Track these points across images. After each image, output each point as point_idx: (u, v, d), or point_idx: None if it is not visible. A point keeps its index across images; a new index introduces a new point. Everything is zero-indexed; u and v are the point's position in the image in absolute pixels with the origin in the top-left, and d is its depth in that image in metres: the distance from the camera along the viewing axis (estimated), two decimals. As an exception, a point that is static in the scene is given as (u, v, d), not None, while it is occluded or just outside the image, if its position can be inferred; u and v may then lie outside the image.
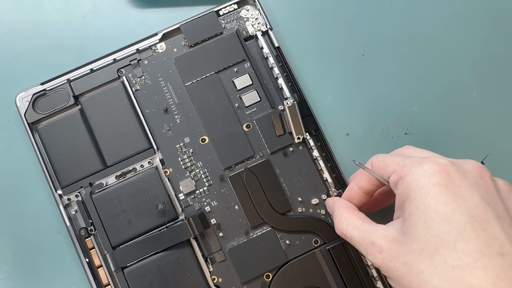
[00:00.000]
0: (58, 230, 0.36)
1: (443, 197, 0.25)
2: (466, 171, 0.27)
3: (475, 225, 0.25)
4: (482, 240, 0.24)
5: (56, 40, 0.38)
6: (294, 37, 0.39)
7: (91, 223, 0.35)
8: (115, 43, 0.37)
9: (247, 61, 0.37)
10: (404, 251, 0.26)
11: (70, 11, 0.39)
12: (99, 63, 0.36)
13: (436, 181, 0.26)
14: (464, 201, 0.25)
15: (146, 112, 0.36)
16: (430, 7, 0.40)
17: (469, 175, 0.27)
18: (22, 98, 0.36)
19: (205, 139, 0.36)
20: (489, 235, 0.24)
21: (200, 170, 0.36)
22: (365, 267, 0.34)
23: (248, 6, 0.38)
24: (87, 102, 0.36)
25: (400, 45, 0.39)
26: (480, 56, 0.39)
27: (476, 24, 0.40)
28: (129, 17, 0.39)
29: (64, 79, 0.36)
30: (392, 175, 0.29)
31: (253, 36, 0.38)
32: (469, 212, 0.25)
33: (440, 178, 0.26)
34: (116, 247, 0.34)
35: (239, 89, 0.37)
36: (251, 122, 0.36)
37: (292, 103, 0.35)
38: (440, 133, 0.38)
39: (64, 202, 0.35)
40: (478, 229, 0.24)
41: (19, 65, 0.38)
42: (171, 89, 0.37)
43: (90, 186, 0.35)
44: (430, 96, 0.39)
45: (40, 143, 0.36)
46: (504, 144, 0.38)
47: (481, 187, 0.26)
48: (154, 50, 0.37)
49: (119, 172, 0.35)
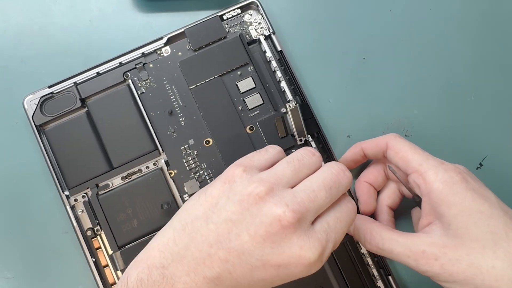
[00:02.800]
0: (65, 230, 0.37)
1: (478, 198, 0.28)
2: (470, 174, 0.30)
3: (507, 215, 0.28)
4: None
5: (63, 44, 0.39)
6: (296, 41, 0.40)
7: (97, 223, 0.35)
8: (121, 47, 0.38)
9: (250, 65, 0.38)
10: (465, 253, 0.27)
11: (77, 16, 0.40)
12: (105, 66, 0.37)
13: (465, 186, 0.28)
14: (489, 198, 0.28)
15: (151, 115, 0.37)
16: (429, 12, 0.40)
17: (473, 177, 0.30)
18: (30, 101, 0.36)
19: (209, 141, 0.37)
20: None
21: (204, 172, 0.36)
22: (366, 266, 0.35)
23: (251, 11, 0.38)
24: (93, 105, 0.37)
25: (400, 49, 0.40)
26: (478, 60, 0.40)
27: (474, 29, 0.40)
28: (134, 21, 0.40)
29: (71, 82, 0.37)
30: (413, 174, 0.30)
31: (256, 40, 0.38)
32: (498, 206, 0.28)
33: (466, 183, 0.29)
34: (122, 247, 0.35)
35: (242, 92, 0.37)
36: (254, 124, 0.37)
37: (295, 105, 0.36)
38: (439, 135, 0.39)
39: (71, 203, 0.36)
40: (510, 218, 0.28)
41: (27, 68, 0.39)
42: (175, 92, 0.37)
43: (96, 187, 0.36)
44: (429, 98, 0.39)
45: (48, 145, 0.36)
46: (502, 146, 0.39)
47: (481, 183, 0.30)
48: (159, 54, 0.38)
49: (125, 174, 0.36)
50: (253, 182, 0.26)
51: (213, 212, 0.26)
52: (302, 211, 0.25)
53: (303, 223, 0.26)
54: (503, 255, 0.26)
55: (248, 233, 0.25)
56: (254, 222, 0.25)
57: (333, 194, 0.27)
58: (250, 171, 0.27)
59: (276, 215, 0.25)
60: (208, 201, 0.27)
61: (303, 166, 0.28)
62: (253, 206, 0.26)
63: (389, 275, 0.35)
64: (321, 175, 0.27)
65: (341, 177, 0.28)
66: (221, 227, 0.26)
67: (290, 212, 0.25)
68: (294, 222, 0.25)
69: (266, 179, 0.26)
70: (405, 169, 0.31)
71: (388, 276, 0.35)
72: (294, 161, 0.28)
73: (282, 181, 0.27)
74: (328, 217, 0.27)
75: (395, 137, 0.32)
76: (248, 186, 0.26)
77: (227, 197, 0.26)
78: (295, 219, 0.25)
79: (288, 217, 0.25)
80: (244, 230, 0.25)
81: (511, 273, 0.26)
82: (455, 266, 0.27)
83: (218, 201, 0.27)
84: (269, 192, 0.26)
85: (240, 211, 0.26)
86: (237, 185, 0.27)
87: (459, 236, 0.27)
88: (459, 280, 0.27)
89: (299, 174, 0.27)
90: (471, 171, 0.37)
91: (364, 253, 0.35)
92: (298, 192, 0.26)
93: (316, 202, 0.26)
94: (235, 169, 0.27)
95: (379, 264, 0.35)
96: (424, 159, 0.30)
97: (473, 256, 0.27)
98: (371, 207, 0.34)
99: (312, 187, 0.27)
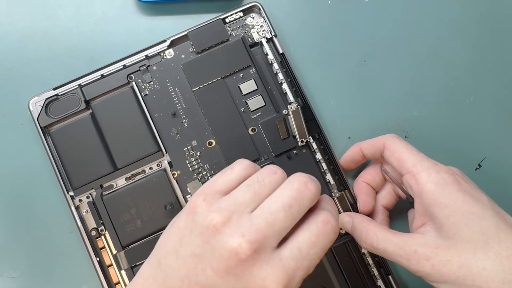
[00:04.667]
0: (70, 230, 0.37)
1: (470, 200, 0.28)
2: (463, 176, 0.31)
3: (500, 216, 0.28)
4: (510, 227, 0.28)
5: (68, 47, 0.40)
6: (298, 44, 0.40)
7: (101, 223, 0.36)
8: (125, 50, 0.38)
9: (253, 67, 0.38)
10: (456, 254, 0.27)
11: (82, 19, 0.40)
12: (109, 69, 0.38)
13: (457, 187, 0.29)
14: (481, 200, 0.28)
15: (155, 116, 0.37)
16: (429, 15, 0.41)
17: (466, 179, 0.30)
18: (35, 102, 0.37)
19: (212, 142, 0.37)
20: (509, 222, 0.28)
21: (207, 172, 0.37)
22: (367, 266, 0.36)
23: (253, 14, 0.39)
24: (98, 107, 0.37)
25: (400, 51, 0.40)
26: (477, 62, 0.40)
27: (473, 32, 0.41)
28: (138, 24, 0.40)
29: (75, 84, 0.37)
30: (407, 175, 0.31)
31: (258, 43, 0.39)
32: (491, 207, 0.28)
33: (458, 184, 0.29)
34: (126, 246, 0.35)
35: (244, 94, 0.38)
36: (256, 126, 0.37)
37: (296, 107, 0.36)
38: (439, 137, 0.39)
39: (75, 203, 0.36)
40: (503, 219, 0.28)
41: (32, 71, 0.39)
42: (179, 94, 0.38)
43: (100, 187, 0.36)
44: (429, 100, 0.40)
45: (53, 146, 0.37)
46: (501, 147, 0.39)
47: (474, 185, 0.30)
48: (163, 57, 0.38)
49: (128, 174, 0.37)
50: (211, 212, 0.25)
51: (181, 246, 0.26)
52: (259, 240, 0.24)
53: (263, 252, 0.24)
54: (494, 257, 0.27)
55: (211, 268, 0.24)
56: (215, 255, 0.24)
57: (294, 213, 0.25)
58: (210, 199, 0.26)
59: (232, 248, 0.24)
60: (176, 234, 0.26)
61: (263, 187, 0.26)
62: (211, 238, 0.25)
63: (389, 275, 0.35)
64: (280, 194, 0.26)
65: (302, 192, 0.26)
66: (188, 262, 0.25)
67: (246, 244, 0.24)
68: (251, 253, 0.24)
69: (224, 207, 0.25)
70: (399, 169, 0.31)
71: (388, 275, 0.35)
72: (254, 183, 0.26)
73: (241, 207, 0.25)
74: (299, 242, 0.25)
75: (392, 138, 0.33)
76: (206, 217, 0.25)
77: (190, 230, 0.26)
78: (251, 251, 0.24)
79: (245, 249, 0.24)
80: (208, 264, 0.24)
81: (501, 275, 0.26)
82: (446, 266, 0.27)
83: (184, 233, 0.26)
84: (226, 222, 0.25)
85: (201, 245, 0.25)
86: (198, 216, 0.26)
87: (451, 237, 0.28)
88: (450, 280, 0.27)
89: (259, 197, 0.26)
90: (470, 172, 0.38)
91: (364, 252, 0.36)
92: (255, 218, 0.25)
93: (275, 226, 0.25)
94: (196, 199, 0.26)
95: (379, 264, 0.35)
96: (418, 160, 0.30)
97: (464, 257, 0.27)
98: (370, 207, 0.35)
99: (270, 209, 0.25)
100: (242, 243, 0.24)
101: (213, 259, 0.24)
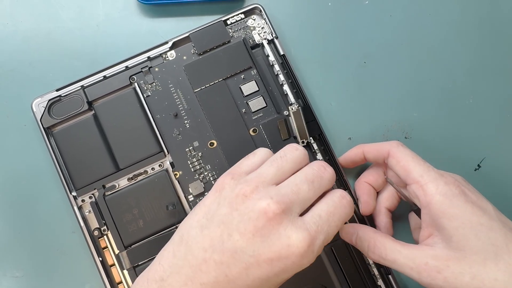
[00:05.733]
0: (73, 230, 0.37)
1: (477, 211, 0.28)
2: (468, 185, 0.31)
3: (507, 227, 0.28)
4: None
5: (71, 49, 0.40)
6: (299, 45, 0.40)
7: (104, 223, 0.36)
8: (127, 51, 0.38)
9: (254, 69, 0.38)
10: (467, 266, 0.27)
11: (84, 21, 0.40)
12: (111, 70, 0.38)
13: (464, 199, 0.29)
14: (488, 210, 0.29)
15: (156, 117, 0.38)
16: (429, 17, 0.41)
17: (471, 189, 0.30)
18: (38, 104, 0.37)
19: (214, 143, 0.38)
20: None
21: (208, 173, 0.37)
22: (367, 265, 0.36)
23: (254, 15, 0.39)
24: (100, 108, 0.38)
25: (400, 53, 0.40)
26: (476, 64, 0.40)
27: (473, 34, 0.41)
28: (140, 26, 0.40)
29: (78, 85, 0.38)
30: (413, 185, 0.30)
31: (259, 44, 0.39)
32: (497, 218, 0.28)
33: (465, 196, 0.29)
34: (128, 246, 0.36)
35: (246, 95, 0.38)
36: (258, 126, 0.38)
37: (297, 108, 0.37)
38: (438, 137, 0.39)
39: (78, 204, 0.36)
40: (510, 229, 0.28)
41: (35, 72, 0.40)
42: (180, 95, 0.38)
43: (103, 188, 0.37)
44: (428, 102, 0.40)
45: (55, 147, 0.37)
46: (499, 148, 0.39)
47: (478, 193, 0.30)
48: (165, 58, 0.39)
49: (131, 175, 0.37)
50: (239, 184, 0.28)
51: (207, 219, 0.27)
52: (286, 202, 0.26)
53: (289, 214, 0.26)
54: (505, 267, 0.27)
55: (239, 232, 0.26)
56: (243, 219, 0.26)
57: (316, 188, 0.28)
58: (238, 177, 0.28)
59: (261, 208, 0.26)
60: (202, 210, 0.28)
61: (286, 162, 0.29)
62: (240, 205, 0.27)
63: (389, 274, 0.35)
64: (303, 171, 0.29)
65: (322, 172, 0.29)
66: (214, 231, 0.27)
67: (275, 204, 0.26)
68: (279, 212, 0.26)
69: (251, 179, 0.28)
70: (405, 178, 0.31)
71: (388, 275, 0.36)
72: (277, 159, 0.29)
73: (266, 179, 0.28)
74: (319, 210, 0.28)
75: (397, 146, 0.32)
76: (235, 188, 0.27)
77: (217, 203, 0.28)
78: (280, 210, 0.26)
79: (273, 208, 0.26)
80: (235, 229, 0.26)
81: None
82: (458, 279, 0.27)
83: (210, 208, 0.28)
84: (254, 190, 0.27)
85: (230, 213, 0.27)
86: (226, 191, 0.28)
87: (461, 249, 0.28)
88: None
89: (283, 170, 0.29)
90: (470, 173, 0.39)
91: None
92: (282, 187, 0.28)
93: (299, 195, 0.27)
94: (224, 178, 0.29)
95: (379, 264, 0.36)
96: (425, 171, 0.30)
97: (475, 269, 0.27)
98: (371, 207, 0.35)
99: (295, 181, 0.28)
100: (270, 203, 0.26)
101: (241, 223, 0.26)
